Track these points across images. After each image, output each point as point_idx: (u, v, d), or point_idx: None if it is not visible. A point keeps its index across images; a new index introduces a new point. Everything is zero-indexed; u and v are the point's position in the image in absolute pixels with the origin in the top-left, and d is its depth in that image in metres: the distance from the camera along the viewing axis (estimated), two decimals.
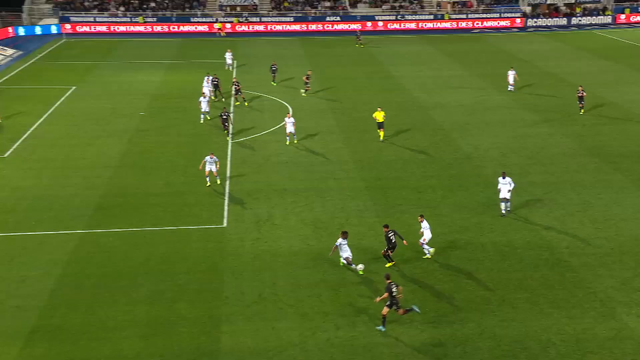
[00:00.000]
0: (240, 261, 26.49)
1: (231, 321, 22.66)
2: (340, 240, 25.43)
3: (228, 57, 59.01)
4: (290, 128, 39.29)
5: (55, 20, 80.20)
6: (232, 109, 47.39)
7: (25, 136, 41.40)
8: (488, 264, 26.42)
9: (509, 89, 51.69)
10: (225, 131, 40.69)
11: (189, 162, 36.99)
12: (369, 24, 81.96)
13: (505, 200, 30.23)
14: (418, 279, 25.27)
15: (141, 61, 64.30)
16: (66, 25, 79.39)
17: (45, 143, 40.30)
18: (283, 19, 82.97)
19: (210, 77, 48.98)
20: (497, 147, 39.45)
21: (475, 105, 48.62)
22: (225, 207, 31.32)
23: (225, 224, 29.65)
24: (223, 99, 49.23)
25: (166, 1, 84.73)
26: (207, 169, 33.28)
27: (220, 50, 67.70)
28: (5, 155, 38.19)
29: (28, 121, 44.23)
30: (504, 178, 30.10)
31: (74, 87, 53.45)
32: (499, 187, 30.18)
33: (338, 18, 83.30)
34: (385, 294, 22.00)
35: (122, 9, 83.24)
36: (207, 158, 33.30)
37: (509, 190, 29.99)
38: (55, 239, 28.26)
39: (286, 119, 39.45)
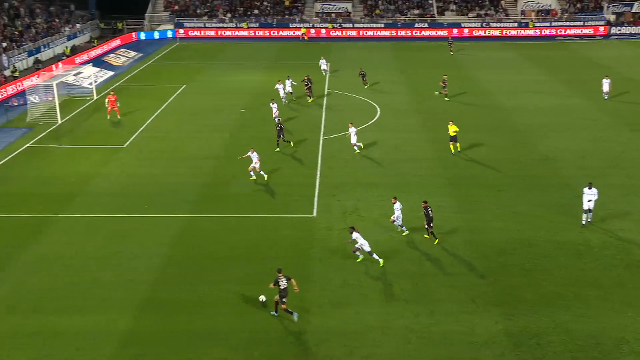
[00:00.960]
0: (327, 249, 26.53)
1: (317, 304, 22.74)
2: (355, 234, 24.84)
3: (322, 63, 58.74)
4: (353, 139, 37.29)
5: (171, 26, 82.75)
6: (324, 110, 47.53)
7: (141, 129, 42.94)
8: (563, 261, 25.38)
9: (605, 97, 48.46)
10: (278, 141, 37.88)
11: (283, 155, 37.38)
12: (455, 30, 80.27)
13: (589, 211, 27.84)
14: (493, 273, 24.57)
15: (244, 63, 65.43)
16: (180, 30, 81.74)
17: (158, 136, 41.66)
18: (374, 25, 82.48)
19: (290, 80, 49.04)
20: (576, 149, 37.80)
21: (555, 108, 46.77)
22: (315, 199, 31.45)
23: (314, 214, 29.77)
24: (311, 99, 49.38)
25: (268, 8, 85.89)
26: (253, 164, 33.08)
27: (314, 53, 68.10)
28: (125, 145, 39.74)
29: (144, 116, 45.84)
30: (590, 189, 27.61)
31: (184, 86, 55.00)
32: (584, 198, 27.78)
33: (426, 25, 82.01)
34: (272, 285, 21.54)
35: (228, 15, 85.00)
36: (249, 153, 33.24)
37: (590, 200, 27.52)
38: (164, 221, 29.18)
39: (350, 129, 37.72)
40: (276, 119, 41.11)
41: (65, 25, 75.22)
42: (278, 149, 37.90)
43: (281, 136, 37.92)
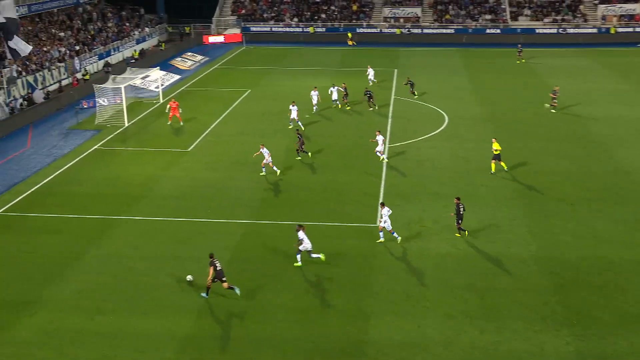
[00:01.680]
0: (390, 260, 26.39)
1: (379, 315, 22.63)
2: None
3: (370, 72, 57.18)
4: (380, 146, 37.16)
5: (238, 30, 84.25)
6: (389, 118, 47.38)
7: (205, 133, 43.82)
8: None
9: None
10: (298, 150, 38.04)
11: (348, 162, 37.43)
12: (527, 37, 78.43)
13: None
14: (566, 291, 23.84)
15: (309, 68, 65.89)
16: (246, 34, 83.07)
17: (222, 140, 42.39)
18: (444, 30, 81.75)
19: (336, 87, 49.12)
20: None
21: (636, 119, 45.10)
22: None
23: (378, 224, 29.64)
24: (376, 108, 49.30)
25: (335, 13, 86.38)
26: (265, 161, 35.13)
27: (379, 59, 68.10)
28: (189, 149, 40.63)
29: (209, 120, 46.72)
30: None
31: (248, 90, 55.82)
32: None
33: (498, 31, 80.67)
34: (211, 270, 23.31)
35: (295, 19, 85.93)
36: (261, 150, 35.19)
37: None
38: (226, 226, 29.66)
39: (377, 137, 37.43)
40: (295, 122, 42.87)
41: (135, 29, 77.70)
42: (299, 158, 37.98)
43: (302, 145, 37.93)
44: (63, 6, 66.66)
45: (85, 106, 49.97)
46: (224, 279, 23.43)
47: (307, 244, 25.66)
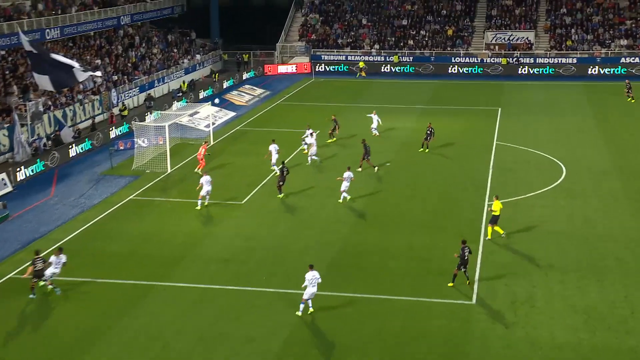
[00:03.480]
0: (489, 348, 25.77)
1: None
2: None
3: (375, 120, 55.13)
4: (344, 185, 39.85)
5: (306, 59, 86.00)
6: (490, 167, 46.96)
7: (263, 182, 44.37)
8: None
9: None
10: (279, 187, 41.48)
11: (435, 223, 37.12)
12: None
13: None
14: None
15: (391, 105, 66.19)
16: (316, 63, 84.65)
17: (283, 191, 42.72)
18: (563, 60, 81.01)
19: (310, 130, 50.33)
20: None
21: None
22: (476, 281, 30.78)
23: (474, 301, 29.12)
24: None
25: (425, 39, 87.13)
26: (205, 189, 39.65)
27: (481, 97, 67.87)
28: (243, 202, 41.20)
29: (268, 166, 47.24)
30: None
31: (317, 132, 56.29)
32: None
33: (637, 60, 79.23)
34: (30, 269, 29.55)
35: (376, 47, 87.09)
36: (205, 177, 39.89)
37: None
38: (285, 297, 29.67)
39: (345, 173, 39.93)
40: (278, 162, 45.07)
41: (184, 56, 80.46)
42: (280, 195, 41.19)
43: (281, 182, 41.35)
44: (102, 28, 69.70)
45: (121, 147, 51.67)
46: (44, 278, 29.51)
47: (55, 271, 30.18)
